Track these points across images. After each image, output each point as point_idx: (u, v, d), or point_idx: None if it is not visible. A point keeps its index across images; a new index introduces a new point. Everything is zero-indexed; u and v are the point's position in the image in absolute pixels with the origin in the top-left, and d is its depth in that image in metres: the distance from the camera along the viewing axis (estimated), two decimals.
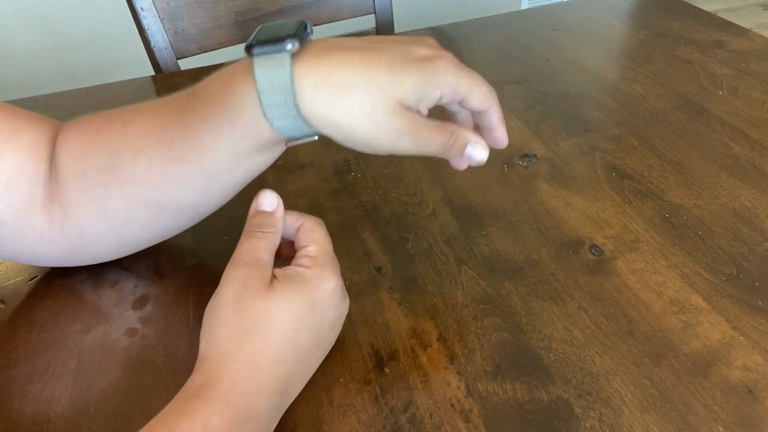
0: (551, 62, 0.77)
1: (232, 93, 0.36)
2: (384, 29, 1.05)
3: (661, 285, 0.44)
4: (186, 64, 0.88)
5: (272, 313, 0.34)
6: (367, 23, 1.05)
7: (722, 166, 0.56)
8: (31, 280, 0.47)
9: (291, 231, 0.39)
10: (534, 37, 0.84)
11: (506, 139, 0.42)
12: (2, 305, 0.45)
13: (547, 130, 0.63)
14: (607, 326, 0.41)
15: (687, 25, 0.84)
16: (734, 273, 0.45)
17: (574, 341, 0.40)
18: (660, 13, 0.88)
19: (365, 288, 0.45)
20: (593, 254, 0.47)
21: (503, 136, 0.42)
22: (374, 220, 0.52)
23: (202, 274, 0.47)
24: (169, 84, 0.78)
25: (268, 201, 0.39)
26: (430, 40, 0.38)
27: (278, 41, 0.35)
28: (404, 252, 0.48)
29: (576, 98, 0.68)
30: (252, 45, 0.35)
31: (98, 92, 0.75)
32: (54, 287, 0.47)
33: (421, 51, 0.37)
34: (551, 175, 0.56)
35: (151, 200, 0.40)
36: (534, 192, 0.54)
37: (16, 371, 0.40)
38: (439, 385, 0.38)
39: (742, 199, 0.52)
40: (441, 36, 0.86)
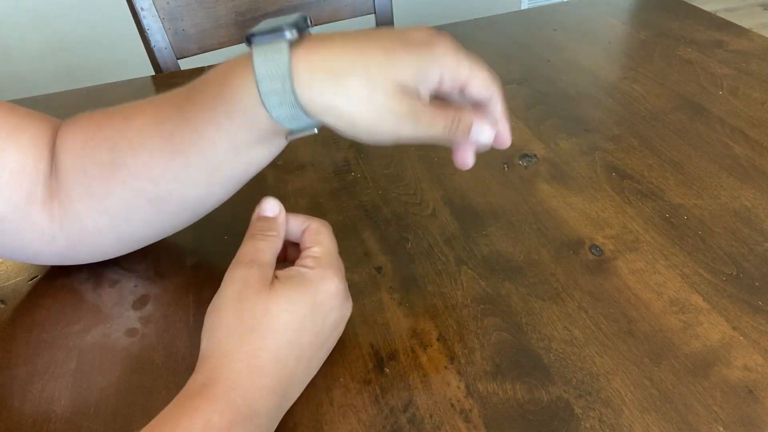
0: (551, 62, 0.77)
1: (231, 83, 0.36)
2: None
3: (661, 285, 0.44)
4: (186, 64, 0.88)
5: (273, 313, 0.34)
6: (367, 23, 1.05)
7: (722, 166, 0.56)
8: (31, 280, 0.47)
9: (297, 233, 0.40)
10: (534, 37, 0.84)
11: (510, 137, 0.41)
12: (2, 305, 0.45)
13: (547, 130, 0.63)
14: (607, 326, 0.41)
15: (687, 25, 0.84)
16: (734, 273, 0.45)
17: (574, 341, 0.40)
18: (660, 13, 0.88)
19: (365, 288, 0.45)
20: (593, 254, 0.47)
21: (506, 133, 0.41)
22: (374, 220, 0.52)
23: (202, 274, 0.47)
24: (169, 84, 0.77)
25: (270, 207, 0.39)
26: (428, 27, 0.38)
27: (277, 30, 0.35)
28: (404, 252, 0.48)
29: (576, 98, 0.68)
30: (252, 35, 0.35)
31: (98, 92, 0.75)
32: (54, 287, 0.47)
33: (419, 35, 0.37)
34: (551, 175, 0.56)
35: (152, 194, 0.40)
36: (534, 192, 0.54)
37: (16, 371, 0.40)
38: (439, 385, 0.38)
39: (742, 199, 0.52)
40: None
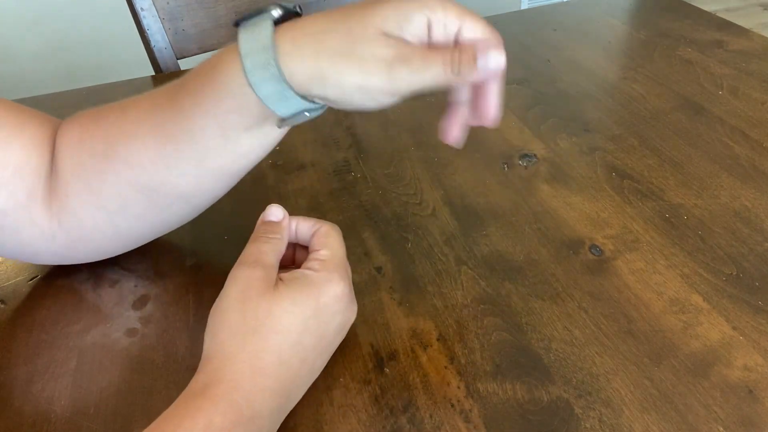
0: (551, 62, 0.77)
1: (220, 67, 0.37)
2: None
3: (661, 285, 0.44)
4: (186, 64, 0.88)
5: (275, 314, 0.34)
6: None
7: (722, 166, 0.56)
8: (31, 280, 0.47)
9: (307, 236, 0.40)
10: (534, 37, 0.84)
11: (496, 107, 0.37)
12: (2, 305, 0.45)
13: (547, 130, 0.63)
14: (607, 326, 0.41)
15: (687, 25, 0.84)
16: (734, 273, 0.45)
17: (574, 341, 0.40)
18: (660, 13, 0.88)
19: (365, 288, 0.45)
20: (593, 254, 0.47)
21: (494, 101, 0.37)
22: (374, 220, 0.52)
23: (202, 274, 0.47)
24: None
25: (275, 212, 0.39)
26: None
27: (263, 12, 0.35)
28: (404, 252, 0.48)
29: (576, 98, 0.68)
30: (241, 18, 0.35)
31: (98, 92, 0.75)
32: (54, 287, 0.47)
33: None
34: (551, 175, 0.56)
35: (145, 185, 0.40)
36: (534, 192, 0.54)
37: (16, 371, 0.40)
38: (439, 385, 0.38)
39: (742, 199, 0.52)
40: None
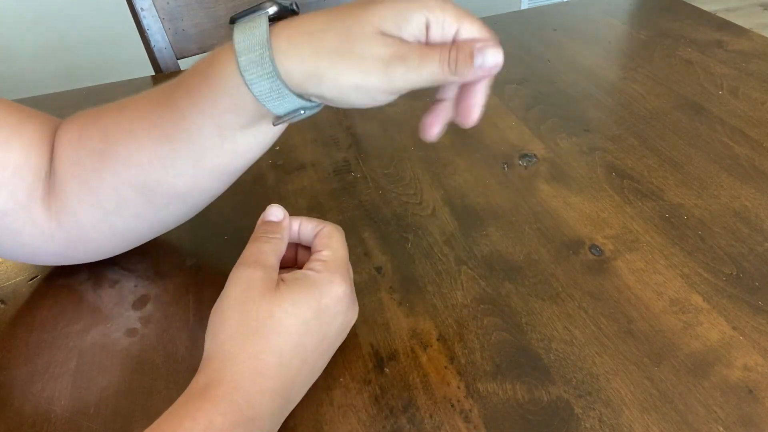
0: (551, 62, 0.77)
1: (216, 65, 0.37)
2: None
3: (661, 285, 0.44)
4: (186, 64, 0.88)
5: (276, 315, 0.34)
6: None
7: (722, 166, 0.56)
8: (31, 280, 0.47)
9: (310, 237, 0.39)
10: (534, 37, 0.84)
11: (479, 109, 0.36)
12: (2, 305, 0.45)
13: (547, 130, 0.63)
14: (607, 326, 0.41)
15: (687, 25, 0.84)
16: (734, 273, 0.45)
17: (574, 341, 0.40)
18: (660, 13, 0.88)
19: (365, 288, 0.45)
20: (593, 254, 0.47)
21: (479, 103, 0.36)
22: (374, 220, 0.52)
23: (202, 274, 0.47)
24: None
25: (275, 212, 0.39)
26: None
27: (257, 9, 0.35)
28: (404, 252, 0.48)
29: (576, 98, 0.68)
30: (236, 15, 0.35)
31: (98, 92, 0.75)
32: (54, 287, 0.47)
33: None
34: (551, 175, 0.56)
35: (141, 183, 0.40)
36: (534, 192, 0.54)
37: (16, 371, 0.40)
38: (439, 385, 0.38)
39: (742, 199, 0.52)
40: None
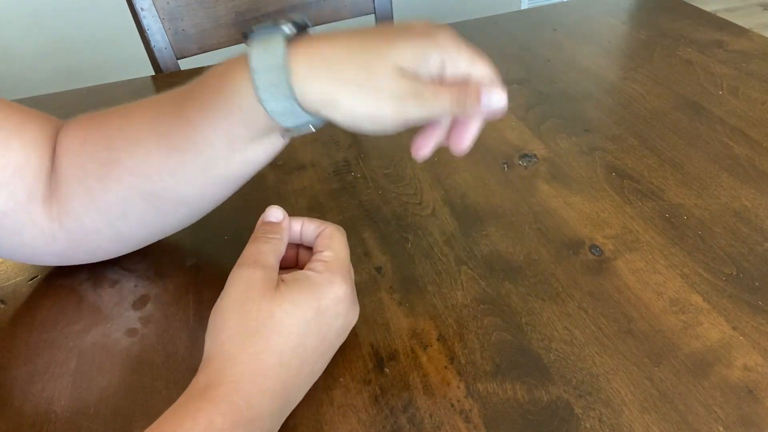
0: (551, 62, 0.77)
1: (229, 79, 0.37)
2: None
3: (661, 285, 0.44)
4: (186, 64, 0.88)
5: (276, 315, 0.34)
6: (367, 23, 1.05)
7: (722, 166, 0.56)
8: (31, 280, 0.47)
9: (311, 237, 0.39)
10: (534, 37, 0.84)
11: (471, 140, 0.38)
12: (2, 305, 0.45)
13: (547, 130, 0.63)
14: (607, 326, 0.41)
15: (687, 25, 0.84)
16: (734, 273, 0.45)
17: (574, 341, 0.40)
18: (660, 13, 0.88)
19: (365, 288, 0.45)
20: (593, 254, 0.47)
21: (472, 134, 0.38)
22: (374, 220, 0.52)
23: (202, 274, 0.47)
24: (169, 84, 0.77)
25: (274, 213, 0.40)
26: (427, 20, 0.37)
27: (274, 26, 0.35)
28: (404, 252, 0.48)
29: (576, 98, 0.68)
30: (250, 30, 0.35)
31: (98, 92, 0.75)
32: (54, 287, 0.47)
33: (421, 25, 0.36)
34: (551, 175, 0.56)
35: (148, 192, 0.40)
36: (534, 192, 0.54)
37: (16, 371, 0.40)
38: (439, 385, 0.38)
39: (742, 199, 0.52)
40: None
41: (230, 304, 0.34)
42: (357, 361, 0.40)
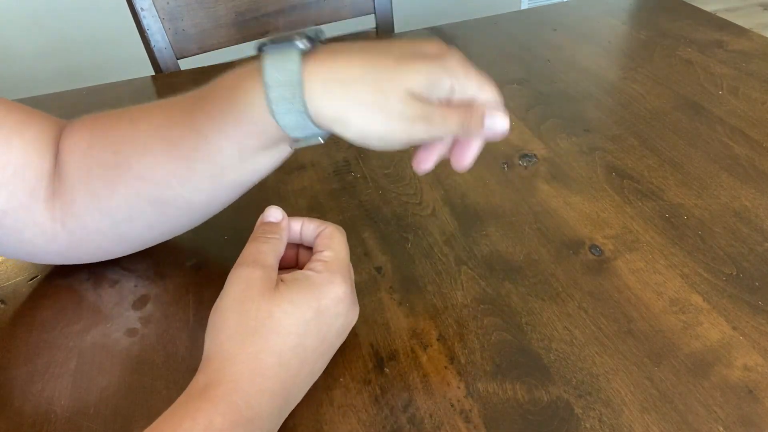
0: (551, 62, 0.77)
1: (242, 90, 0.37)
2: (384, 29, 1.05)
3: (661, 285, 0.44)
4: (186, 64, 0.88)
5: (275, 316, 0.34)
6: (367, 23, 1.05)
7: (722, 166, 0.56)
8: (31, 280, 0.47)
9: (311, 237, 0.40)
10: (534, 37, 0.84)
11: (472, 159, 0.40)
12: (2, 305, 0.45)
13: (547, 130, 0.63)
14: (607, 326, 0.41)
15: (687, 25, 0.84)
16: (734, 273, 0.45)
17: (574, 341, 0.40)
18: (660, 13, 0.88)
19: (365, 288, 0.45)
20: (593, 254, 0.47)
21: (473, 153, 0.40)
22: (374, 220, 0.52)
23: (202, 274, 0.47)
24: (169, 84, 0.78)
25: (273, 213, 0.40)
26: (437, 41, 0.39)
27: (289, 40, 0.36)
28: (404, 252, 0.48)
29: (576, 98, 0.68)
30: (264, 43, 0.36)
31: (98, 92, 0.75)
32: (54, 287, 0.47)
33: (431, 48, 0.37)
34: (551, 175, 0.56)
35: (155, 198, 0.41)
36: (534, 192, 0.54)
37: (16, 371, 0.40)
38: (439, 385, 0.38)
39: (742, 199, 0.52)
40: (441, 36, 0.86)
41: (229, 304, 0.34)
42: (357, 361, 0.40)
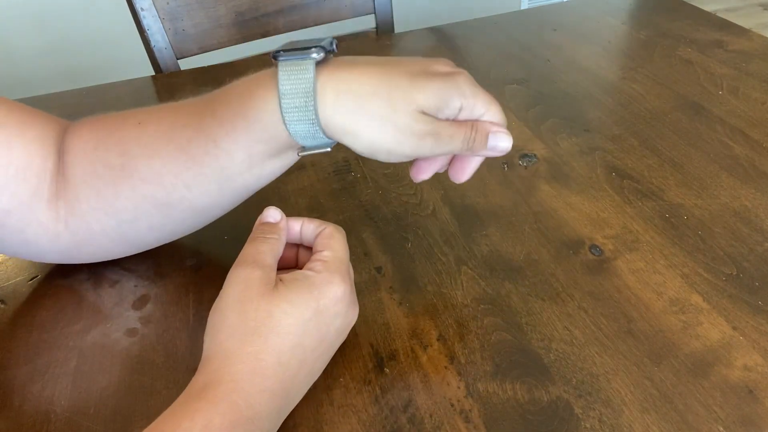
0: (551, 62, 0.77)
1: (254, 96, 0.38)
2: (384, 29, 1.05)
3: (661, 285, 0.44)
4: (186, 64, 0.88)
5: (275, 315, 0.34)
6: (367, 23, 1.05)
7: (722, 166, 0.56)
8: (31, 280, 0.47)
9: (311, 237, 0.40)
10: (534, 37, 0.84)
11: (470, 174, 0.43)
12: (2, 305, 0.45)
13: (547, 130, 0.63)
14: (607, 326, 0.41)
15: (687, 25, 0.84)
16: (734, 273, 0.45)
17: (574, 341, 0.40)
18: (660, 13, 0.88)
19: (365, 288, 0.45)
20: (593, 254, 0.47)
21: (472, 169, 0.42)
22: (374, 220, 0.52)
23: (202, 274, 0.47)
24: (169, 84, 0.78)
25: (272, 214, 0.40)
26: (447, 60, 0.40)
27: (303, 50, 0.36)
28: (404, 252, 0.48)
29: (576, 98, 0.68)
30: (278, 52, 0.37)
31: (98, 92, 0.75)
32: (54, 287, 0.47)
33: (440, 67, 0.38)
34: (551, 175, 0.56)
35: (161, 200, 0.41)
36: (534, 192, 0.54)
37: (16, 371, 0.40)
38: (439, 385, 0.38)
39: (742, 199, 0.52)
40: (441, 36, 0.86)
41: (228, 304, 0.34)
42: (357, 361, 0.40)
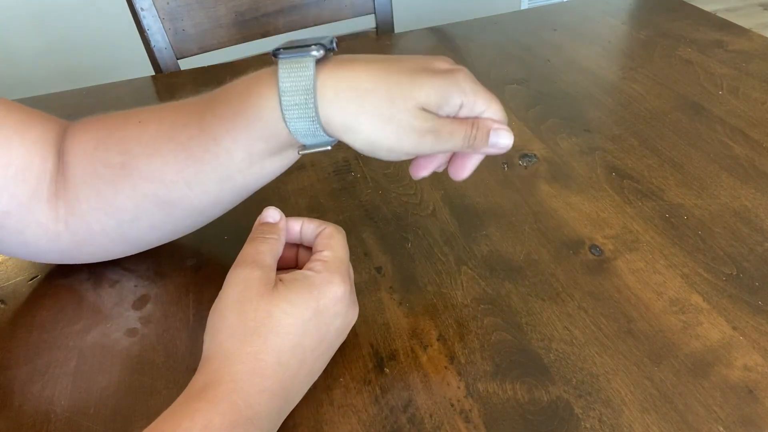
0: (551, 62, 0.77)
1: (254, 94, 0.38)
2: (384, 29, 1.05)
3: (661, 285, 0.44)
4: (186, 64, 0.88)
5: (274, 315, 0.34)
6: (367, 23, 1.05)
7: (722, 166, 0.56)
8: (31, 280, 0.47)
9: (311, 237, 0.40)
10: (534, 37, 0.84)
11: (470, 172, 0.42)
12: (2, 305, 0.45)
13: (547, 130, 0.63)
14: (607, 326, 0.41)
15: (687, 25, 0.84)
16: (734, 273, 0.45)
17: (574, 341, 0.40)
18: (660, 13, 0.88)
19: (365, 288, 0.45)
20: (593, 254, 0.47)
21: (472, 166, 0.42)
22: (374, 220, 0.52)
23: (202, 274, 0.47)
24: (169, 84, 0.78)
25: (271, 214, 0.40)
26: (447, 58, 0.40)
27: (303, 48, 0.36)
28: (404, 252, 0.48)
29: (576, 98, 0.68)
30: (278, 49, 0.37)
31: (98, 92, 0.75)
32: (54, 287, 0.47)
33: (440, 64, 0.38)
34: (551, 175, 0.56)
35: (162, 199, 0.41)
36: (534, 192, 0.54)
37: (16, 371, 0.40)
38: (439, 385, 0.38)
39: (742, 199, 0.52)
40: (441, 36, 0.86)
41: (228, 304, 0.34)
42: (357, 361, 0.40)
